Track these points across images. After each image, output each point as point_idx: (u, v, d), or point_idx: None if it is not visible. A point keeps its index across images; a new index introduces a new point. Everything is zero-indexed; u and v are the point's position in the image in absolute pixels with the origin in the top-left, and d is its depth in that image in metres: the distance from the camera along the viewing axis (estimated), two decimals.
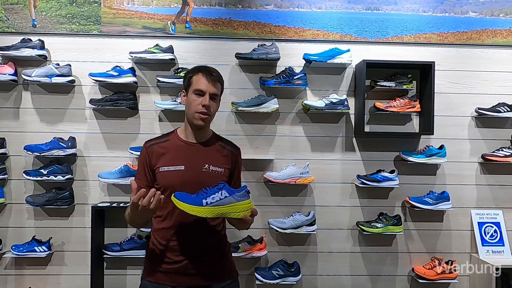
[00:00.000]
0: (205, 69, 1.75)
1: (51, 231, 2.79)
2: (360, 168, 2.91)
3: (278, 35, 2.92)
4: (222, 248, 1.79)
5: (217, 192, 1.52)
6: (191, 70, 1.78)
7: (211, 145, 1.79)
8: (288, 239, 2.86)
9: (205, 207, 1.49)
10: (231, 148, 1.84)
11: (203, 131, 1.78)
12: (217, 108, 1.78)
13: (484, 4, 3.03)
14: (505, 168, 2.94)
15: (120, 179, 2.71)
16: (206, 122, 1.73)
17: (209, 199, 1.50)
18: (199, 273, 1.68)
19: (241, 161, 1.91)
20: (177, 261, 1.68)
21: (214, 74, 1.73)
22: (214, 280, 1.71)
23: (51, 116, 2.82)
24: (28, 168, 2.76)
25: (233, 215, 1.52)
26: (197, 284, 1.69)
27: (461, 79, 2.97)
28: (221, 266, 1.75)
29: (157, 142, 1.78)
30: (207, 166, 1.71)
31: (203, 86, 1.70)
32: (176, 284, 1.67)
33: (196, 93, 1.71)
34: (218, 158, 1.76)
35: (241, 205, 1.52)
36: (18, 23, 2.84)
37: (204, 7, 2.92)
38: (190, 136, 1.77)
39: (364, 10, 2.98)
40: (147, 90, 2.86)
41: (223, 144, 1.83)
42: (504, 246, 2.89)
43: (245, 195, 1.54)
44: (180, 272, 1.67)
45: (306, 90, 2.91)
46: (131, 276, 2.81)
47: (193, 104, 1.70)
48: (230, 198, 1.52)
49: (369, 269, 2.91)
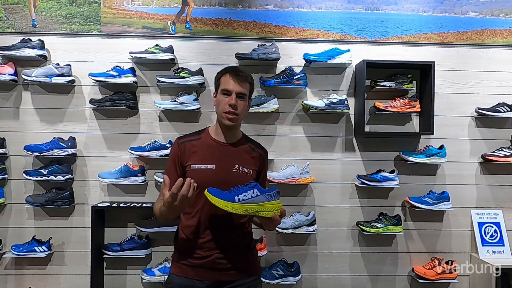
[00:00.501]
0: (232, 69, 1.78)
1: (51, 231, 2.79)
2: (360, 168, 2.92)
3: (278, 35, 2.92)
4: (248, 245, 1.82)
5: (249, 190, 1.57)
6: (220, 71, 1.80)
7: (241, 146, 1.82)
8: (288, 239, 2.86)
9: (237, 204, 1.54)
10: (260, 150, 1.88)
11: (233, 131, 1.80)
12: (246, 107, 1.80)
13: (484, 4, 3.03)
14: (505, 168, 2.94)
15: (120, 179, 2.72)
16: (233, 121, 1.74)
17: (241, 196, 1.55)
18: (225, 268, 1.72)
19: (267, 163, 1.95)
20: (205, 257, 1.71)
21: (241, 74, 1.75)
22: (240, 276, 1.75)
23: (51, 116, 2.82)
24: (28, 168, 2.76)
25: (263, 214, 1.56)
26: (224, 279, 1.72)
27: (461, 79, 2.97)
28: (247, 262, 1.79)
29: (189, 139, 1.80)
30: (237, 167, 1.75)
31: (229, 86, 1.73)
32: (203, 279, 1.71)
33: (223, 93, 1.74)
34: (247, 160, 1.79)
35: (271, 205, 1.57)
36: (18, 23, 2.84)
37: (204, 7, 2.92)
38: (221, 136, 1.79)
39: (364, 10, 2.98)
40: (147, 90, 2.86)
41: (252, 145, 1.86)
42: (504, 246, 2.89)
43: (276, 195, 1.59)
44: (208, 267, 1.71)
45: (306, 90, 2.91)
46: (131, 276, 2.81)
47: (221, 104, 1.73)
48: (261, 197, 1.56)
49: (369, 269, 2.91)
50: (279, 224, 1.65)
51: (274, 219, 1.58)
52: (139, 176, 2.74)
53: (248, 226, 1.84)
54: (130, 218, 2.80)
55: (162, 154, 2.72)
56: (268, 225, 1.67)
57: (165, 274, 2.65)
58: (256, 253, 1.90)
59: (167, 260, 2.71)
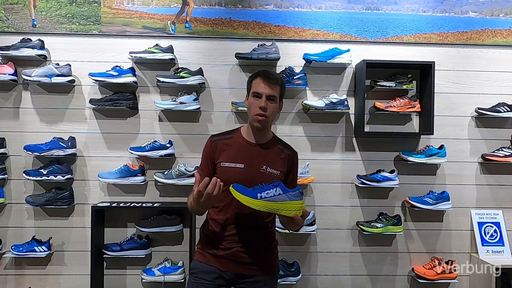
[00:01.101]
0: (263, 72, 1.82)
1: (51, 231, 2.79)
2: (360, 168, 2.91)
3: (278, 35, 2.92)
4: (269, 244, 1.89)
5: (272, 188, 1.61)
6: (251, 75, 1.86)
7: (270, 147, 1.87)
8: (288, 239, 2.86)
9: (259, 200, 1.58)
10: (289, 151, 1.91)
11: (264, 133, 1.85)
12: (277, 109, 1.84)
13: (484, 4, 3.03)
14: (505, 168, 2.94)
15: (120, 179, 2.71)
16: (263, 123, 1.79)
17: (263, 193, 1.59)
18: (245, 262, 1.80)
19: (297, 165, 1.96)
20: (228, 248, 1.80)
21: (271, 77, 1.79)
22: (258, 272, 1.82)
23: (51, 116, 2.82)
24: (28, 168, 2.76)
25: (285, 213, 1.60)
26: (243, 273, 1.80)
27: (461, 79, 2.97)
28: (266, 260, 1.86)
29: (221, 138, 1.88)
30: (265, 168, 1.80)
31: (260, 88, 1.78)
32: (223, 269, 1.80)
33: (254, 95, 1.79)
34: (276, 161, 1.84)
35: (293, 204, 1.60)
36: (18, 23, 2.84)
37: (204, 7, 2.91)
38: (252, 136, 1.85)
39: (364, 10, 2.98)
40: (147, 90, 2.86)
41: (281, 147, 1.90)
42: (504, 246, 2.89)
43: (298, 196, 1.62)
44: (229, 258, 1.79)
45: (306, 90, 2.91)
46: (131, 276, 2.81)
47: (252, 106, 1.80)
48: (284, 196, 1.60)
49: (369, 269, 2.91)
50: (302, 225, 1.69)
51: (296, 219, 1.61)
52: (139, 176, 2.74)
53: (271, 227, 1.91)
54: (130, 218, 2.80)
55: (162, 154, 2.72)
56: (290, 225, 1.71)
57: (165, 274, 2.65)
58: (276, 253, 1.96)
59: (167, 260, 2.71)
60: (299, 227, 1.72)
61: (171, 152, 2.74)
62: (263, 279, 1.83)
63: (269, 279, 1.85)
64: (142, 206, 2.68)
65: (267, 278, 1.84)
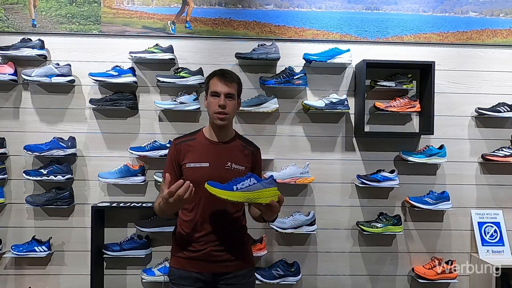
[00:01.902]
0: (219, 72, 1.87)
1: (51, 231, 2.79)
2: (360, 168, 2.91)
3: (278, 35, 2.92)
4: (242, 238, 1.93)
5: (246, 179, 1.65)
6: (208, 75, 1.91)
7: (233, 144, 1.92)
8: (288, 239, 2.86)
9: (235, 192, 1.63)
10: (252, 147, 1.97)
11: (225, 130, 1.90)
12: (236, 106, 1.89)
13: (484, 4, 3.03)
14: (505, 168, 2.94)
15: (120, 179, 2.71)
16: (224, 121, 1.83)
17: (239, 185, 1.64)
18: (220, 260, 1.83)
19: (261, 160, 2.03)
20: (201, 250, 1.82)
21: (228, 76, 1.85)
22: (235, 267, 1.85)
23: (51, 116, 2.82)
24: (28, 168, 2.76)
25: (261, 200, 1.65)
26: (220, 271, 1.83)
27: (461, 79, 2.97)
28: (241, 254, 1.89)
29: (184, 140, 1.92)
30: (230, 164, 1.84)
31: (217, 87, 1.83)
32: (200, 271, 1.82)
33: (212, 95, 1.84)
34: (240, 157, 1.89)
35: (268, 191, 1.65)
36: (18, 22, 2.83)
37: (204, 7, 2.91)
38: (214, 135, 1.90)
39: (364, 10, 2.98)
40: (147, 90, 2.86)
41: (244, 144, 1.96)
42: (504, 246, 2.89)
43: (272, 183, 1.68)
44: (204, 259, 1.82)
45: (306, 90, 2.91)
46: (131, 276, 2.81)
47: (211, 105, 1.84)
48: (258, 184, 1.65)
49: (369, 269, 2.91)
50: (278, 211, 1.72)
51: (273, 206, 1.65)
52: (139, 176, 2.74)
53: (242, 221, 1.95)
54: (130, 218, 2.80)
55: (162, 154, 2.71)
56: (268, 214, 1.74)
57: (165, 274, 2.65)
58: (250, 247, 2.00)
59: (167, 260, 2.71)
60: (275, 214, 1.76)
61: None
62: (241, 273, 1.86)
63: (247, 272, 1.89)
64: (142, 206, 2.68)
65: (245, 271, 1.88)
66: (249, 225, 2.00)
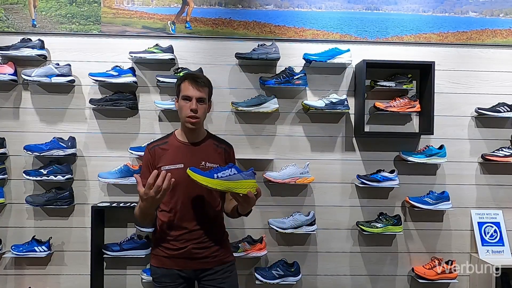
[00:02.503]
0: (190, 76, 1.92)
1: (51, 231, 2.79)
2: (360, 168, 2.91)
3: (278, 35, 2.92)
4: (220, 235, 1.99)
5: (227, 169, 1.72)
6: (179, 78, 1.95)
7: (205, 144, 1.97)
8: (288, 239, 2.86)
9: (215, 180, 1.69)
10: (224, 145, 2.04)
11: (197, 132, 1.95)
12: (207, 109, 1.95)
13: (484, 4, 3.03)
14: (505, 168, 2.94)
15: (120, 179, 2.71)
16: (196, 124, 1.89)
17: (220, 174, 1.70)
18: (201, 257, 1.89)
19: (234, 158, 2.09)
20: (181, 248, 1.87)
21: (199, 80, 1.89)
22: (215, 263, 1.91)
23: (51, 116, 2.82)
24: (28, 168, 2.76)
25: (239, 190, 1.70)
26: (201, 267, 1.90)
27: (461, 79, 2.97)
28: (220, 251, 1.94)
29: (157, 144, 1.97)
30: (204, 163, 1.89)
31: (189, 92, 1.87)
32: (181, 268, 1.89)
33: (184, 98, 1.88)
34: (213, 155, 1.95)
35: (247, 183, 1.72)
36: (18, 23, 2.83)
37: (204, 7, 2.91)
38: (186, 137, 1.95)
39: (364, 10, 2.98)
40: (147, 90, 2.86)
41: (216, 142, 2.02)
42: (504, 246, 2.89)
43: (252, 175, 1.74)
44: (185, 257, 1.87)
45: (306, 90, 2.91)
46: (131, 276, 2.81)
47: (182, 109, 1.88)
48: (238, 175, 1.71)
49: (369, 269, 2.91)
50: (254, 204, 1.77)
51: (249, 197, 1.70)
52: None
53: (220, 218, 2.01)
54: (130, 218, 2.80)
55: None
56: (243, 206, 1.79)
57: None
58: (228, 244, 2.06)
59: None
60: (250, 207, 1.80)
61: None
62: (221, 268, 1.92)
63: (227, 266, 1.95)
64: None
65: (225, 266, 1.93)
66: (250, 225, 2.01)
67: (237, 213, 1.90)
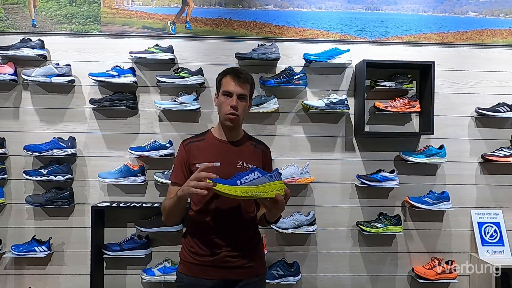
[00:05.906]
0: (233, 71, 1.81)
1: (51, 231, 2.78)
2: (360, 168, 2.91)
3: (278, 35, 2.92)
4: (256, 245, 1.85)
5: (250, 173, 1.57)
6: (221, 73, 1.84)
7: (243, 144, 1.86)
8: (288, 239, 2.86)
9: (239, 186, 1.53)
10: (262, 146, 1.93)
11: (235, 130, 1.85)
12: (247, 108, 1.84)
13: (484, 4, 3.03)
14: (505, 168, 2.94)
15: (120, 179, 2.71)
16: (234, 122, 1.78)
17: (243, 179, 1.55)
18: (232, 267, 1.75)
19: (270, 159, 1.97)
20: (215, 254, 1.74)
21: (242, 76, 1.78)
22: (246, 275, 1.77)
23: (51, 116, 2.82)
24: (28, 168, 2.76)
25: (267, 195, 1.55)
26: (230, 278, 1.75)
27: (461, 79, 2.97)
28: (254, 261, 1.80)
29: (193, 140, 1.86)
30: (241, 163, 1.78)
31: (230, 87, 1.76)
32: (210, 277, 1.74)
33: (224, 94, 1.78)
34: (250, 156, 1.84)
35: (273, 185, 1.56)
36: (18, 23, 2.83)
37: (204, 7, 2.91)
38: (224, 135, 1.84)
39: (364, 10, 2.98)
40: (147, 90, 2.86)
41: (254, 143, 1.91)
42: (504, 246, 2.89)
43: (277, 176, 1.59)
44: (215, 265, 1.74)
45: (306, 90, 2.91)
46: (131, 276, 2.81)
47: (222, 105, 1.78)
48: (263, 178, 1.56)
49: (369, 269, 2.91)
50: (283, 209, 1.64)
51: (278, 201, 1.56)
52: (139, 176, 2.74)
53: (256, 225, 1.88)
54: (130, 218, 2.80)
55: (162, 154, 2.72)
56: (272, 213, 1.67)
57: (165, 274, 2.65)
58: (263, 253, 1.92)
59: (167, 260, 2.71)
60: (280, 213, 1.68)
61: (171, 152, 2.74)
62: (251, 281, 1.78)
63: (258, 280, 1.81)
64: (142, 206, 2.68)
65: (255, 279, 1.80)
66: None
67: (265, 221, 1.78)
